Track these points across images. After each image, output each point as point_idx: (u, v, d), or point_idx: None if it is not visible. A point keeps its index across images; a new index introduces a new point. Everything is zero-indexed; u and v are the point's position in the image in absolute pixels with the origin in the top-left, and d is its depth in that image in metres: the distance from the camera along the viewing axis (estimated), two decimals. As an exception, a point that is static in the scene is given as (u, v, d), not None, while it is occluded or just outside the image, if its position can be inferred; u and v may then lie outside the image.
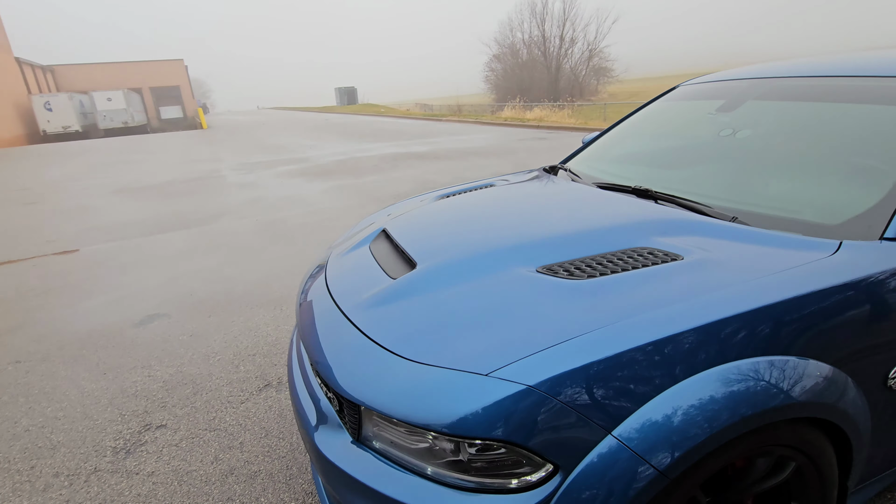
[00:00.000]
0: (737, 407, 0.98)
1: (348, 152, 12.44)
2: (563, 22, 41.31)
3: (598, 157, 2.38)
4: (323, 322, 1.42)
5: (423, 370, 1.09)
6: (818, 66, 1.88)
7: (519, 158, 9.51)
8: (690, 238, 1.38)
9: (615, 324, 1.06)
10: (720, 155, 1.85)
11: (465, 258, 1.42)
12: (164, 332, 3.14)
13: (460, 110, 35.73)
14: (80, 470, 1.99)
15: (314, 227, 5.43)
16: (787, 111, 1.77)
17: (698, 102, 2.23)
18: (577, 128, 16.37)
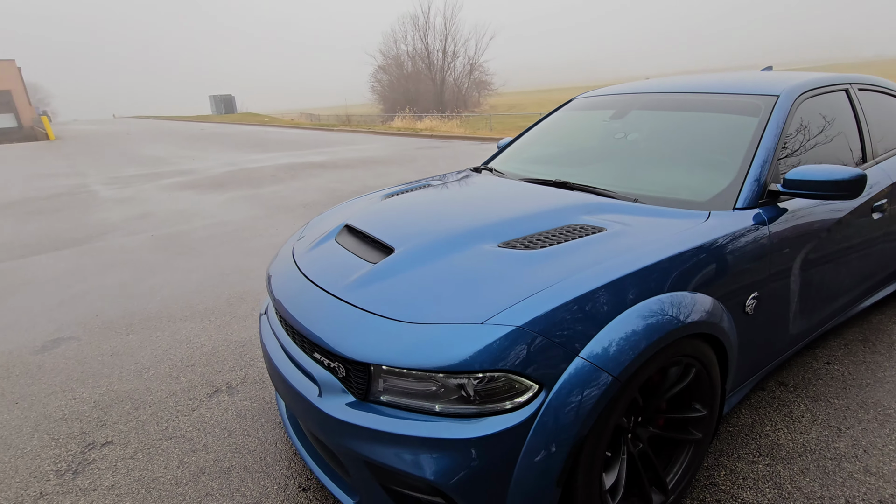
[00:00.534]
0: (656, 328, 1.36)
1: (238, 163, 11.86)
2: (444, 36, 43.06)
3: (515, 158, 2.77)
4: (314, 307, 1.57)
5: (427, 328, 1.32)
6: (681, 83, 2.44)
7: (420, 166, 9.88)
8: (607, 215, 1.78)
9: (568, 278, 1.38)
10: (616, 153, 2.32)
11: (438, 240, 1.67)
12: (76, 355, 2.91)
13: (349, 121, 35.47)
14: (23, 497, 1.86)
15: (222, 238, 5.23)
16: (662, 118, 2.29)
17: (594, 112, 2.72)
18: (466, 137, 17.26)
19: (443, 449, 1.25)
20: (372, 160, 11.22)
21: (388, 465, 1.31)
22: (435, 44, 43.96)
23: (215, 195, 7.80)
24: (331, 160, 11.49)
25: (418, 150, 13.20)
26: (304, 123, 34.13)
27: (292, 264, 1.88)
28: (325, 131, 23.84)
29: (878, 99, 2.61)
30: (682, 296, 1.46)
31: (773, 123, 1.97)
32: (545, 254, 1.52)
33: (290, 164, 11.02)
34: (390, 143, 15.81)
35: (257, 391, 2.45)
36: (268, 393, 2.44)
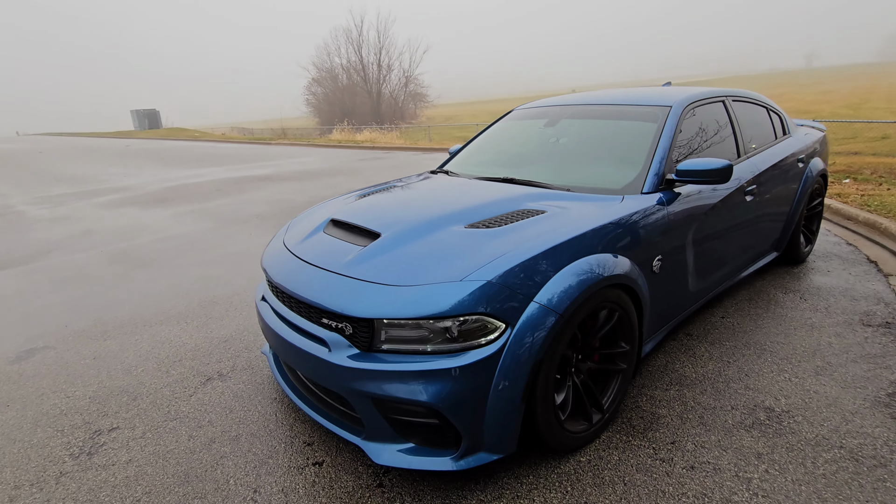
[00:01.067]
0: (586, 280, 1.82)
1: (177, 179, 11.59)
2: (378, 49, 43.51)
3: (466, 161, 3.21)
4: (320, 283, 1.91)
5: (418, 288, 1.71)
6: (598, 97, 3.00)
7: (366, 176, 10.18)
8: (546, 202, 2.25)
9: (521, 245, 1.83)
10: (551, 154, 2.83)
11: (416, 225, 2.06)
12: (57, 361, 3.01)
13: (285, 134, 34.93)
14: (44, 477, 2.04)
15: (179, 251, 5.30)
16: (586, 125, 2.83)
17: (530, 121, 3.23)
18: (407, 148, 17.70)
19: (435, 378, 1.64)
20: (317, 172, 11.37)
21: (393, 396, 1.68)
22: (369, 57, 44.31)
23: (160, 210, 7.71)
24: (275, 173, 11.52)
25: (362, 161, 13.47)
26: (238, 138, 33.23)
27: (289, 254, 2.20)
28: (262, 145, 23.43)
29: (748, 108, 3.30)
30: (605, 257, 1.95)
31: (668, 128, 2.54)
32: (502, 231, 1.96)
33: (234, 178, 10.95)
34: (332, 155, 15.94)
35: (248, 377, 2.71)
36: (259, 377, 2.70)
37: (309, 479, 1.94)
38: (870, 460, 1.85)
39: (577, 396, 2.00)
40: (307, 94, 49.12)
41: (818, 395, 2.26)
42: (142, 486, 1.96)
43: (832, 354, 2.58)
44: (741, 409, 2.19)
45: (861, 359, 2.52)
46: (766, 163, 3.13)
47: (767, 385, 2.35)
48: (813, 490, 1.74)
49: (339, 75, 47.55)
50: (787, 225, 3.52)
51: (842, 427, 2.04)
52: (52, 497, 1.93)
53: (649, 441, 2.03)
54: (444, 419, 1.69)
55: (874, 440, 1.96)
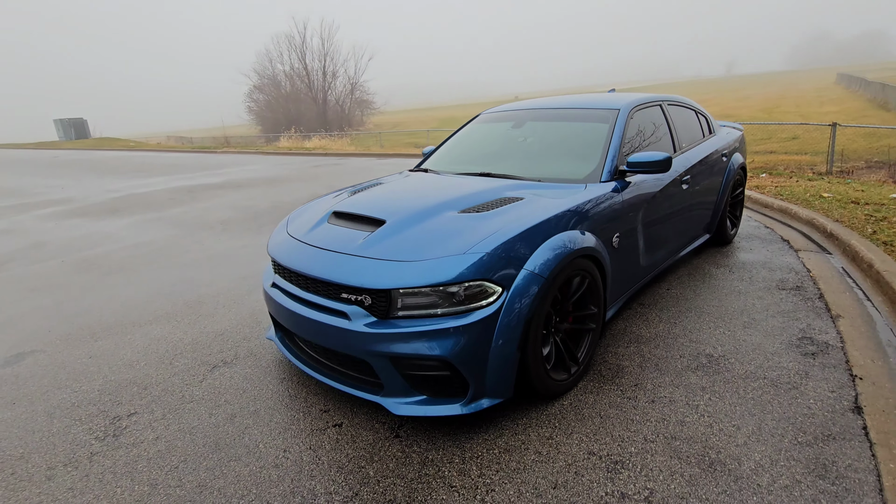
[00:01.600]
0: (562, 251, 2.20)
1: (121, 189, 11.20)
2: (323, 56, 43.16)
3: (442, 160, 3.56)
4: (338, 264, 2.18)
5: (428, 261, 2.03)
6: (557, 102, 3.44)
7: (325, 182, 10.30)
8: (522, 191, 2.63)
9: (509, 225, 2.19)
10: (520, 152, 3.22)
11: (416, 211, 2.38)
12: (51, 362, 3.07)
13: (228, 142, 33.95)
14: (76, 458, 2.18)
15: (149, 257, 5.30)
16: (549, 126, 3.25)
17: (498, 123, 3.62)
18: (359, 154, 17.83)
19: (447, 335, 1.97)
20: (273, 179, 11.34)
21: (410, 353, 1.99)
22: (314, 63, 43.84)
23: (114, 220, 7.52)
24: (229, 181, 11.37)
25: (316, 167, 13.50)
26: (178, 147, 31.92)
27: (300, 243, 2.46)
28: (206, 154, 22.74)
29: (680, 111, 3.85)
30: (574, 233, 2.34)
31: (618, 128, 2.99)
32: (490, 214, 2.32)
33: (185, 187, 10.73)
34: (284, 162, 15.82)
35: (253, 362, 2.91)
36: (263, 362, 2.90)
37: (332, 437, 2.20)
38: (785, 385, 2.35)
39: (558, 351, 2.37)
40: (249, 102, 47.92)
41: (746, 342, 2.76)
42: (175, 456, 2.15)
43: (756, 312, 3.11)
44: (687, 357, 2.65)
45: (778, 314, 3.07)
46: (696, 157, 3.67)
47: (707, 338, 2.84)
48: (745, 409, 2.20)
49: (281, 82, 46.73)
50: (715, 211, 4.11)
51: (764, 364, 2.54)
52: (89, 473, 2.08)
53: (617, 385, 2.44)
54: (454, 370, 2.02)
55: (788, 371, 2.46)
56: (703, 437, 2.05)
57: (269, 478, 1.99)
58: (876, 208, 5.02)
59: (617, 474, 1.89)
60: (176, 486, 1.98)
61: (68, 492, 1.99)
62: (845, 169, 9.96)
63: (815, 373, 2.44)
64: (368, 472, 1.99)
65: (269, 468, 2.04)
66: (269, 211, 7.44)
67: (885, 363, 2.50)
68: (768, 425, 2.09)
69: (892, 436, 1.99)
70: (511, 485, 1.87)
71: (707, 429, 2.10)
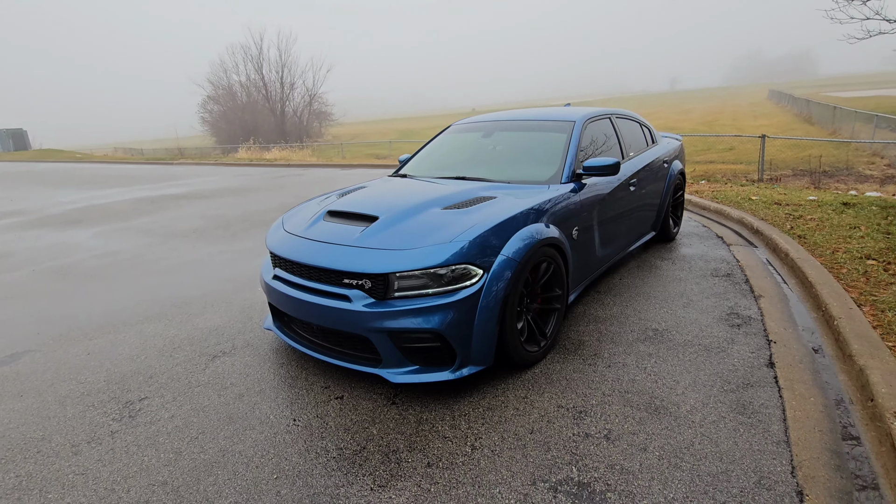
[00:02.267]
0: (531, 240, 2.61)
1: (79, 200, 10.94)
2: (280, 67, 42.78)
3: (419, 167, 3.92)
4: (339, 254, 2.50)
5: (420, 249, 2.38)
6: (521, 114, 3.88)
7: (293, 191, 10.44)
8: (495, 191, 3.03)
9: (487, 219, 2.58)
10: (490, 158, 3.64)
11: (405, 209, 2.73)
12: (48, 360, 3.19)
13: (182, 153, 33.08)
14: (98, 436, 2.37)
15: (126, 264, 5.37)
16: (516, 136, 3.68)
17: (469, 133, 4.03)
18: (323, 165, 17.94)
19: (437, 310, 2.32)
20: (239, 189, 11.36)
21: (406, 328, 2.33)
22: (271, 75, 43.37)
23: (78, 231, 7.44)
24: (193, 191, 11.31)
25: (281, 178, 13.57)
26: (128, 158, 30.86)
27: (301, 238, 2.75)
28: (161, 165, 22.18)
29: (627, 123, 4.38)
30: (541, 226, 2.75)
31: (574, 137, 3.45)
32: (469, 210, 2.70)
33: (148, 198, 10.61)
34: (245, 173, 15.75)
35: (252, 352, 3.15)
36: (262, 351, 3.14)
37: (336, 407, 2.50)
38: (716, 349, 2.83)
39: (530, 328, 2.76)
40: (202, 113, 46.75)
41: (685, 318, 3.25)
42: (193, 429, 2.39)
43: (693, 295, 3.63)
44: (637, 331, 3.10)
45: (711, 296, 3.59)
46: (641, 163, 4.20)
47: (653, 316, 3.31)
48: (683, 368, 2.65)
49: (237, 93, 45.90)
50: (659, 211, 4.66)
51: (700, 334, 3.02)
52: (114, 447, 2.29)
53: (579, 356, 2.86)
54: (444, 341, 2.36)
55: (718, 339, 2.95)
56: (650, 390, 2.48)
57: (283, 441, 2.26)
58: (794, 208, 5.75)
59: (581, 420, 2.28)
60: (199, 452, 2.22)
61: (97, 462, 2.19)
62: (774, 176, 11.01)
63: (739, 339, 2.94)
64: (372, 431, 2.30)
65: (283, 433, 2.32)
66: (240, 219, 7.56)
67: (794, 330, 3.03)
68: (701, 379, 2.55)
69: (795, 382, 2.48)
70: (495, 433, 2.23)
71: (653, 384, 2.53)
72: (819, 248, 4.23)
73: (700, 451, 2.04)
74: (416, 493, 1.92)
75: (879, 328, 2.79)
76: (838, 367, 2.61)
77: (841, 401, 2.35)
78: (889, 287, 3.32)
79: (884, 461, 1.94)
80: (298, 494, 1.94)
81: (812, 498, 1.79)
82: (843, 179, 10.85)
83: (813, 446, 2.04)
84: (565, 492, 1.88)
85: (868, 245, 4.17)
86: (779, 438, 2.10)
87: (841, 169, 12.13)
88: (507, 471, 2.00)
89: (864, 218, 5.08)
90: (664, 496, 1.83)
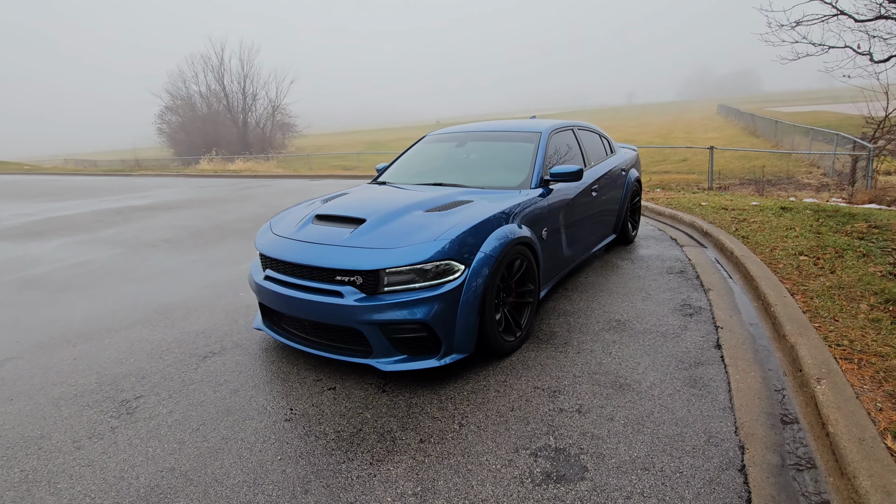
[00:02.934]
0: (505, 239, 2.87)
1: (36, 213, 10.58)
2: (242, 78, 42.19)
3: (398, 174, 4.15)
4: (331, 253, 2.69)
5: (408, 247, 2.61)
6: (492, 126, 4.18)
7: (263, 201, 10.44)
8: (471, 196, 3.29)
9: (466, 220, 2.83)
10: (465, 166, 3.91)
11: (390, 211, 2.95)
12: (34, 366, 3.22)
13: (140, 165, 32.12)
14: (98, 431, 2.46)
15: (98, 274, 5.33)
16: (488, 146, 3.98)
17: (443, 143, 4.30)
18: (290, 176, 17.89)
19: (424, 303, 2.55)
20: (206, 200, 11.25)
21: (395, 319, 2.54)
22: (232, 85, 42.69)
23: (41, 243, 7.26)
24: (158, 203, 11.12)
25: (249, 189, 13.48)
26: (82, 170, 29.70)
27: (292, 240, 2.93)
28: (120, 177, 21.53)
29: (587, 134, 4.75)
30: (514, 226, 3.03)
31: (541, 147, 3.77)
32: (449, 212, 2.95)
33: (111, 209, 10.38)
34: (210, 184, 15.54)
35: (242, 351, 3.27)
36: (252, 351, 3.27)
37: (329, 397, 2.67)
38: (671, 335, 3.16)
39: (507, 320, 3.02)
40: (160, 123, 45.46)
41: (644, 310, 3.59)
42: (194, 421, 2.51)
43: (651, 290, 3.98)
44: (602, 322, 3.41)
45: (667, 290, 3.95)
46: (601, 171, 4.56)
47: (616, 309, 3.63)
48: (643, 352, 2.96)
49: (197, 103, 44.92)
50: (619, 215, 5.04)
51: (657, 323, 3.36)
52: (116, 441, 2.39)
53: (551, 345, 3.13)
54: (430, 331, 2.59)
55: (673, 326, 3.29)
56: (615, 371, 2.77)
57: (283, 428, 2.42)
58: (740, 213, 6.28)
59: (556, 398, 2.54)
60: (202, 440, 2.35)
61: (102, 455, 2.29)
62: (723, 185, 11.79)
63: (691, 326, 3.29)
64: (366, 415, 2.49)
65: (282, 422, 2.47)
66: (211, 229, 7.55)
67: (738, 318, 3.41)
68: (659, 360, 2.86)
69: (738, 359, 2.83)
70: (480, 412, 2.46)
71: (617, 366, 2.83)
72: (760, 246, 4.69)
73: (659, 418, 2.34)
74: (412, 464, 2.12)
75: (808, 312, 3.19)
76: (774, 346, 2.99)
77: (776, 372, 2.70)
78: (818, 278, 3.76)
79: (809, 418, 2.28)
80: (303, 472, 2.11)
81: (751, 450, 2.10)
82: (785, 187, 11.73)
83: (752, 410, 2.37)
84: (545, 456, 2.12)
85: (801, 243, 4.66)
86: (724, 406, 2.41)
87: (783, 178, 13.09)
88: (493, 442, 2.23)
89: (799, 220, 5.63)
90: (629, 455, 2.10)
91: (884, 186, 9.58)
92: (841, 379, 2.38)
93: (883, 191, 8.96)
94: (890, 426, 2.06)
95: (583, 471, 2.03)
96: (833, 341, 2.79)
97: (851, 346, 2.73)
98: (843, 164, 11.90)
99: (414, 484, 2.01)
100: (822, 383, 2.35)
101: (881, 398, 2.28)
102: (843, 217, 5.63)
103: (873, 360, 2.58)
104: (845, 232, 4.99)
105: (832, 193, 9.85)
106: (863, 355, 2.63)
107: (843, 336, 2.85)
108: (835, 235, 4.88)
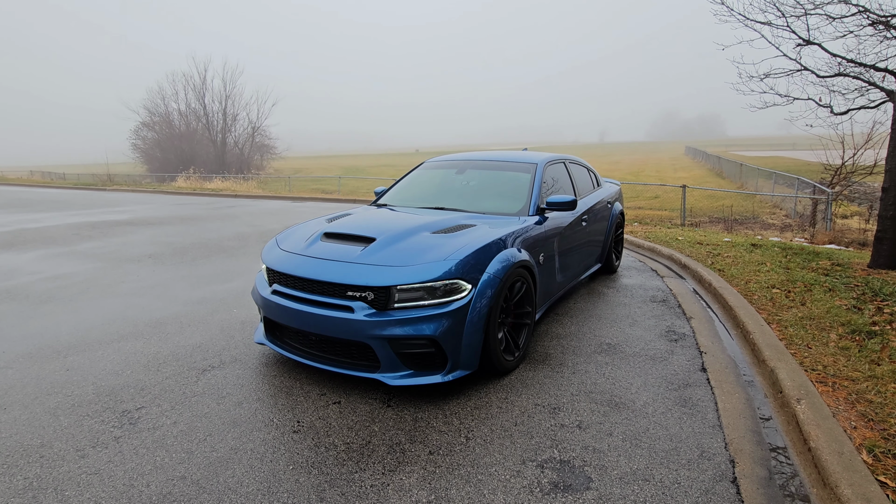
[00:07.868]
0: (508, 262, 3.03)
1: (6, 224, 10.24)
2: (224, 98, 42.12)
3: (397, 198, 4.29)
4: (343, 270, 2.79)
5: (418, 266, 2.73)
6: (490, 156, 4.40)
7: (246, 221, 10.39)
8: (474, 220, 3.45)
9: (471, 242, 2.98)
10: (466, 192, 4.09)
11: (399, 232, 3.08)
12: (26, 376, 3.15)
13: (112, 179, 31.40)
14: (102, 441, 2.44)
15: (81, 287, 5.22)
16: (486, 174, 4.18)
17: (442, 170, 4.48)
18: (270, 196, 17.83)
19: (433, 319, 2.66)
20: (188, 217, 11.12)
21: (404, 335, 2.64)
22: (213, 105, 42.54)
23: (15, 255, 7.06)
24: (136, 218, 10.93)
25: (230, 208, 13.38)
26: (50, 182, 28.83)
27: (302, 256, 3.01)
28: (92, 191, 21.01)
29: (577, 167, 5.02)
30: (514, 250, 3.19)
31: (538, 177, 3.99)
32: (456, 234, 3.10)
33: (87, 223, 10.14)
34: (189, 202, 15.35)
35: (242, 366, 3.28)
36: (252, 365, 3.28)
37: (335, 411, 2.72)
38: (659, 359, 3.34)
39: (507, 340, 3.14)
40: (135, 139, 44.67)
41: (632, 335, 3.77)
42: (200, 432, 2.51)
43: (637, 317, 4.18)
44: (594, 345, 3.57)
45: (651, 318, 4.16)
46: (590, 203, 4.82)
47: (605, 334, 3.80)
48: (635, 373, 3.12)
49: (174, 121, 44.45)
50: (604, 245, 5.28)
51: (645, 347, 3.53)
52: (121, 450, 2.37)
53: (548, 365, 3.26)
54: (438, 347, 2.69)
55: (660, 350, 3.47)
56: (610, 391, 2.91)
57: (292, 439, 2.45)
58: (714, 248, 6.64)
59: (556, 414, 2.66)
60: (210, 451, 2.36)
61: (108, 463, 2.27)
62: (694, 222, 12.36)
63: (677, 351, 3.48)
64: (374, 428, 2.55)
65: (290, 434, 2.50)
66: (196, 246, 7.49)
67: (720, 344, 3.62)
68: (650, 381, 3.02)
69: (722, 382, 3.01)
70: (485, 426, 2.55)
71: (612, 385, 2.97)
72: (735, 279, 4.98)
73: (654, 434, 2.47)
74: (424, 474, 2.19)
75: (784, 340, 3.43)
76: (755, 370, 3.19)
77: (758, 393, 2.89)
78: (790, 309, 4.04)
79: (791, 436, 2.46)
80: (316, 481, 2.15)
81: (741, 463, 2.25)
82: (751, 226, 12.37)
83: (739, 427, 2.53)
84: (551, 467, 2.22)
85: (773, 277, 4.97)
86: (713, 423, 2.57)
87: (749, 217, 13.80)
88: (500, 454, 2.32)
89: (769, 256, 5.99)
90: (630, 467, 2.22)
91: (841, 228, 10.25)
92: (818, 400, 2.58)
93: (841, 232, 9.59)
94: (864, 442, 2.25)
95: (588, 481, 2.14)
96: (808, 366, 3.02)
97: (825, 371, 2.95)
98: (804, 206, 12.67)
99: (427, 493, 2.08)
100: (801, 403, 2.54)
101: (854, 417, 2.49)
102: (808, 255, 6.03)
103: (845, 384, 2.79)
104: (811, 268, 5.35)
105: (795, 233, 10.45)
106: (836, 379, 2.85)
107: (817, 362, 3.08)
108: (802, 271, 5.23)
